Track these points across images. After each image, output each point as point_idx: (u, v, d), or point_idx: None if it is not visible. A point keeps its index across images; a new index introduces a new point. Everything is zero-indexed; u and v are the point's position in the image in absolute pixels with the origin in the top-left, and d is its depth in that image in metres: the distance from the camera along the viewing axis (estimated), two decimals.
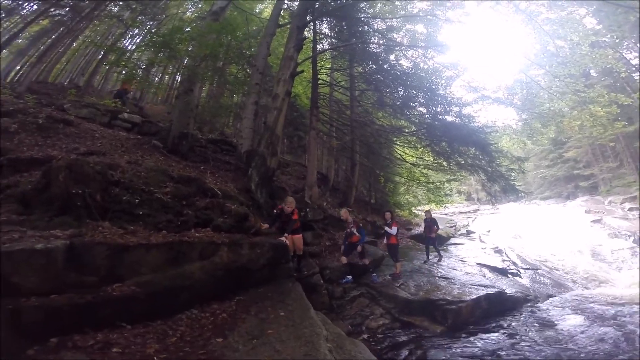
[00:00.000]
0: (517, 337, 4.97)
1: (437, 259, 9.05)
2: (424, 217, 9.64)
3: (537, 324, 5.44)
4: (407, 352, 4.56)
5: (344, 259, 6.85)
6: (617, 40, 15.48)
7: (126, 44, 16.69)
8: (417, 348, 4.68)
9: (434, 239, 9.12)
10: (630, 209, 17.37)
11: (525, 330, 5.24)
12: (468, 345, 4.73)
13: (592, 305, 6.15)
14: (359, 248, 6.79)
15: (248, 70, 10.15)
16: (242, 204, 6.25)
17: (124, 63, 8.42)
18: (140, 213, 4.39)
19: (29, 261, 2.88)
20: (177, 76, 18.15)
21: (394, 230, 7.20)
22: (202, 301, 4.09)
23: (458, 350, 4.58)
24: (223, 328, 3.57)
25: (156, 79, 17.53)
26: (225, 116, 14.37)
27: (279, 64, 9.73)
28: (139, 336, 3.09)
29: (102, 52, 14.80)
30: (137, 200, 4.49)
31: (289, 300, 4.32)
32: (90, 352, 2.68)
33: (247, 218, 5.74)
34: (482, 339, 4.93)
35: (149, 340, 3.06)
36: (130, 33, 16.98)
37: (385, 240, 7.59)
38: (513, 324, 5.53)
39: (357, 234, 6.81)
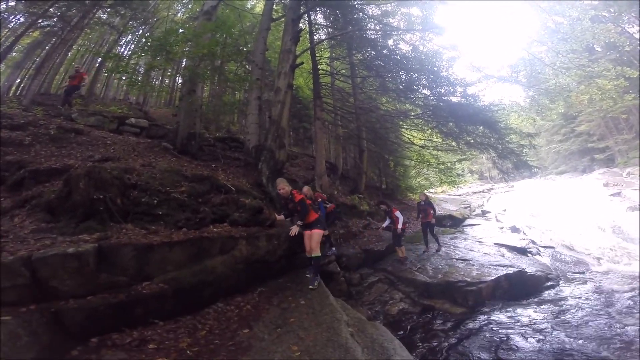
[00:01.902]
0: (538, 317, 4.96)
1: (437, 248, 8.21)
2: (418, 201, 8.81)
3: (558, 305, 5.40)
4: (427, 335, 4.64)
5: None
6: (616, 15, 15.03)
7: (121, 50, 16.78)
8: (438, 330, 4.75)
9: (432, 224, 8.31)
10: None
11: (547, 310, 5.21)
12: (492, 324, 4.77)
13: (614, 285, 6.04)
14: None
15: (247, 67, 10.18)
16: (255, 197, 6.35)
17: (122, 69, 8.55)
18: (160, 213, 4.52)
19: (63, 265, 3.01)
20: (178, 78, 18.35)
21: (398, 215, 7.12)
22: (227, 295, 4.24)
23: (482, 329, 4.61)
24: (248, 319, 3.69)
25: (157, 82, 17.68)
26: (229, 114, 14.54)
27: (277, 58, 9.82)
28: (171, 332, 3.22)
29: (99, 60, 14.99)
30: (155, 201, 4.61)
31: (308, 288, 4.41)
32: (129, 349, 2.80)
33: (262, 211, 5.83)
34: (501, 319, 4.95)
35: (180, 335, 3.19)
36: (124, 39, 17.13)
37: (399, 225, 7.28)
38: (534, 303, 5.50)
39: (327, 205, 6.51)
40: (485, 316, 5.09)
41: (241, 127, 15.45)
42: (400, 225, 7.03)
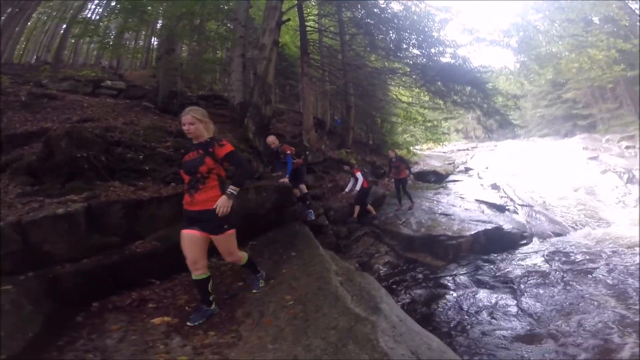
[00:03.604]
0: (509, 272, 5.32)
1: (409, 206, 7.99)
2: (390, 157, 8.43)
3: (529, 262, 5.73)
4: (410, 285, 5.00)
5: (303, 187, 5.80)
6: None
7: (88, 15, 15.30)
8: (420, 281, 5.10)
9: (404, 181, 8.06)
10: (627, 147, 17.42)
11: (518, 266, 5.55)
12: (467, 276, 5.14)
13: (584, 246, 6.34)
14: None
15: (229, 25, 9.63)
16: (242, 151, 6.27)
17: (92, 33, 8.07)
18: (147, 168, 4.44)
19: (54, 227, 2.93)
20: (153, 39, 17.13)
21: (358, 176, 6.97)
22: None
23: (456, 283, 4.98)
24: (241, 273, 3.79)
25: (131, 44, 16.49)
26: (211, 72, 13.97)
27: (261, 16, 9.31)
28: (169, 290, 3.30)
29: (64, 26, 14.05)
30: (141, 157, 4.51)
31: (297, 241, 4.49)
32: (129, 311, 2.84)
33: (250, 163, 5.81)
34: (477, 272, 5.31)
35: (177, 292, 3.27)
36: (91, 4, 15.73)
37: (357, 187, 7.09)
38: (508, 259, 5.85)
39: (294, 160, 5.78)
40: (463, 269, 5.46)
41: (224, 86, 14.98)
42: (359, 185, 6.93)
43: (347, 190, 7.12)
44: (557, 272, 5.14)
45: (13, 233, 2.77)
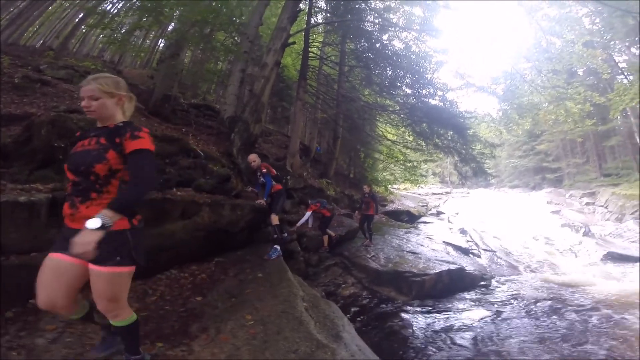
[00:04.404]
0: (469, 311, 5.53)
1: (366, 242, 7.87)
2: (364, 191, 8.23)
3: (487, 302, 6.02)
4: (372, 317, 5.00)
5: (274, 218, 5.06)
6: (612, 43, 16.01)
7: (107, 7, 15.66)
8: (383, 314, 5.13)
9: (371, 218, 7.96)
10: (587, 204, 18.84)
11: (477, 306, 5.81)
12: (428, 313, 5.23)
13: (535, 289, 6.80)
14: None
15: (236, 38, 9.99)
16: (224, 166, 6.26)
17: (105, 26, 8.22)
18: None
19: (12, 215, 2.74)
20: (160, 40, 17.56)
21: (306, 215, 6.76)
22: (182, 262, 4.19)
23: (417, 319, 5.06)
24: (202, 288, 3.70)
25: (138, 42, 16.69)
26: (208, 82, 14.09)
27: (269, 34, 9.66)
28: None
29: (80, 15, 14.21)
30: None
31: (267, 263, 4.46)
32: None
33: (229, 179, 5.79)
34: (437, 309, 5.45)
35: (130, 298, 3.14)
36: None
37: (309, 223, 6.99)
38: (468, 299, 6.09)
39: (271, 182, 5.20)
40: (424, 307, 5.57)
41: (217, 98, 15.14)
42: (310, 222, 6.88)
43: (297, 225, 6.83)
44: (510, 310, 5.45)
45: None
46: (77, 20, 15.02)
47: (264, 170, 5.11)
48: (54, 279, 1.60)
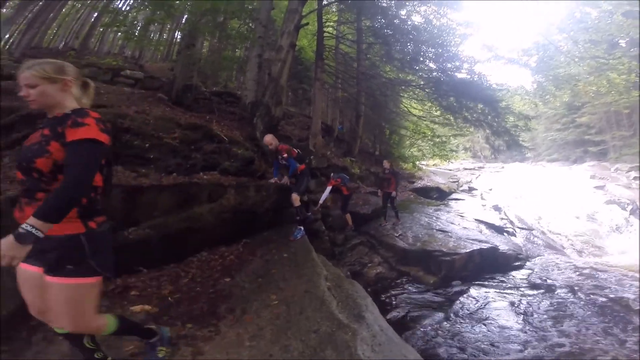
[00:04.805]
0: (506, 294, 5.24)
1: (392, 222, 7.69)
2: (384, 167, 7.89)
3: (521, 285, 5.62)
4: (399, 298, 4.96)
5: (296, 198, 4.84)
6: None
7: (119, 4, 16.02)
8: (410, 295, 5.07)
9: (392, 196, 7.70)
10: (635, 178, 17.20)
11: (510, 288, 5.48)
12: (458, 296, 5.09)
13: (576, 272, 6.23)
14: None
15: (250, 25, 9.87)
16: (247, 149, 6.32)
17: (120, 23, 8.32)
18: (151, 157, 4.51)
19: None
20: (177, 33, 17.81)
21: (327, 190, 6.51)
22: (211, 244, 4.34)
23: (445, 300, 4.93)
24: (230, 269, 3.82)
25: (155, 36, 17.23)
26: (228, 70, 14.23)
27: (282, 18, 9.41)
28: (155, 279, 3.33)
29: (94, 15, 14.68)
30: (147, 145, 4.57)
31: (293, 243, 4.52)
32: (111, 296, 2.87)
33: (253, 162, 5.86)
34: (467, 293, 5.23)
35: (163, 282, 3.30)
36: None
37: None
38: (500, 281, 5.77)
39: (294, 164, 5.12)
40: (453, 289, 5.38)
41: (239, 84, 15.25)
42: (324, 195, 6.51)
43: (320, 202, 6.58)
44: (546, 293, 5.08)
45: (12, 208, 2.78)
46: (92, 19, 15.52)
47: (285, 155, 5.03)
48: (28, 291, 1.48)
